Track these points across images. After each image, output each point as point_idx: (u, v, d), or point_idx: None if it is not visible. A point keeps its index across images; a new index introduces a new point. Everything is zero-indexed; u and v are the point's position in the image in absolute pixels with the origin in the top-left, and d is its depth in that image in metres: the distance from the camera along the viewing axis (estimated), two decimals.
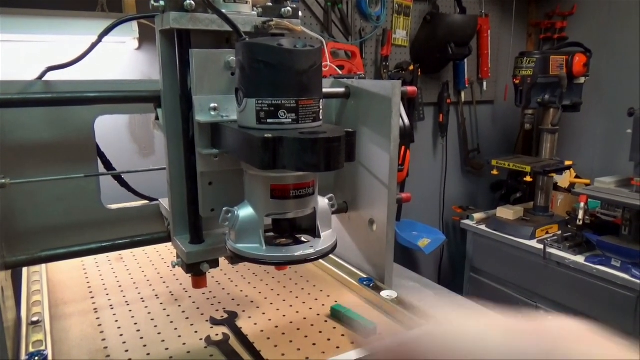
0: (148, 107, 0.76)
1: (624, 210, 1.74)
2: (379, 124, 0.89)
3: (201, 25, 0.65)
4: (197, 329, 0.78)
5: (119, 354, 0.71)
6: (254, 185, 0.61)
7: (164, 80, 0.71)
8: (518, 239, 2.03)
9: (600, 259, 1.78)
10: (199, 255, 0.73)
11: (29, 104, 0.69)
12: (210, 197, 0.71)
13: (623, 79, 2.29)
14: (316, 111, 0.58)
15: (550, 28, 2.57)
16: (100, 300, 0.88)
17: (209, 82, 0.67)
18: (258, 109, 0.56)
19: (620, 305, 1.72)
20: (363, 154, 0.94)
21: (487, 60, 2.47)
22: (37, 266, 0.95)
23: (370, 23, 2.06)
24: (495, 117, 2.67)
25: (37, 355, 0.66)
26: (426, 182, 2.47)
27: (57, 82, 0.73)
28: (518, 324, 0.18)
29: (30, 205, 0.75)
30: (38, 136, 0.74)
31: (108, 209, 0.82)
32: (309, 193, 0.61)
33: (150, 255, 1.09)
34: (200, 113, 0.66)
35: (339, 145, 0.53)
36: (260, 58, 0.54)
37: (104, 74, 1.45)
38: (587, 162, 2.44)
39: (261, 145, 0.52)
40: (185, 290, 0.92)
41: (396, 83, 0.85)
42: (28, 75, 0.73)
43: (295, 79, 0.55)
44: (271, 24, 0.69)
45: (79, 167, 0.78)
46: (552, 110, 2.09)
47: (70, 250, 0.75)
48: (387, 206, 0.90)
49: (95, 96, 0.71)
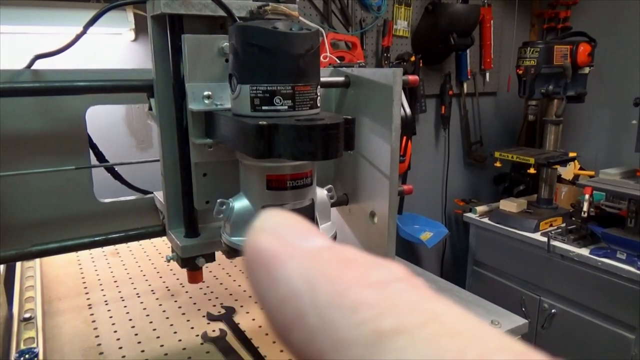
0: (141, 97, 0.74)
1: (629, 202, 1.71)
2: (380, 114, 0.86)
3: (194, 10, 0.62)
4: (193, 325, 0.76)
5: (112, 351, 0.69)
6: (249, 175, 0.59)
7: (156, 69, 0.68)
8: (521, 231, 2.00)
9: (605, 252, 1.76)
10: (194, 249, 0.70)
11: (16, 93, 0.66)
12: (205, 188, 0.69)
13: (628, 69, 2.25)
14: (313, 98, 0.55)
15: (554, 17, 2.53)
16: (95, 296, 0.86)
17: (202, 69, 0.64)
18: (252, 96, 0.53)
19: (626, 298, 1.69)
20: (363, 144, 0.92)
21: (490, 50, 2.44)
22: (31, 261, 0.93)
23: (370, 13, 2.03)
24: (498, 108, 2.64)
25: (28, 352, 0.64)
26: (428, 174, 2.45)
27: (46, 71, 0.71)
28: None
29: (19, 198, 0.73)
30: (27, 127, 0.72)
31: (101, 202, 0.80)
32: (306, 184, 0.59)
33: (146, 250, 1.07)
34: (194, 101, 0.64)
35: (337, 132, 0.50)
36: (254, 41, 0.52)
37: (99, 67, 1.43)
38: (592, 153, 2.41)
39: (255, 133, 0.50)
40: (182, 285, 0.89)
41: (397, 70, 0.82)
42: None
43: (291, 64, 0.52)
44: (267, 8, 0.66)
45: (70, 159, 0.75)
46: (556, 101, 2.06)
47: (62, 244, 0.73)
48: (388, 198, 0.87)
49: (85, 85, 0.69)
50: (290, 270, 0.13)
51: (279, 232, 0.14)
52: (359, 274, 0.13)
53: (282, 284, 0.13)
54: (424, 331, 0.11)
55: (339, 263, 0.13)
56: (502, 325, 0.85)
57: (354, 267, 0.13)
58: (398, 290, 0.12)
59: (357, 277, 0.12)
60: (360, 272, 0.13)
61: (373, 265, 0.13)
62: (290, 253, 0.13)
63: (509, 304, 1.69)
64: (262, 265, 0.14)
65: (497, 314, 0.90)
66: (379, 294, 0.12)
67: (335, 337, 0.12)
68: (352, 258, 0.13)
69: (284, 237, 0.14)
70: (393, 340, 0.11)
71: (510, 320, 0.88)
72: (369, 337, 0.11)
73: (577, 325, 1.86)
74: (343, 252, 0.13)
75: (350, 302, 0.12)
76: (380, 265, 0.13)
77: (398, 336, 0.11)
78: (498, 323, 0.85)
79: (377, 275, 0.12)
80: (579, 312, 1.86)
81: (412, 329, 0.11)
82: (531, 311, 2.01)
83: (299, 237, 0.14)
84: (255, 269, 0.14)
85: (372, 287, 0.12)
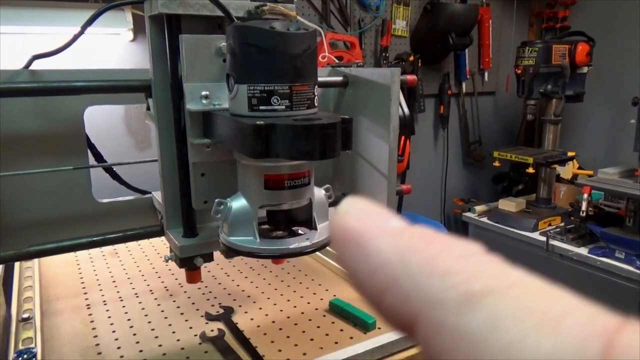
0: (139, 97, 0.73)
1: (628, 201, 1.71)
2: (378, 113, 0.86)
3: (191, 10, 0.62)
4: (191, 325, 0.76)
5: (110, 351, 0.69)
6: (247, 175, 0.59)
7: (154, 69, 0.68)
8: (520, 231, 2.01)
9: (603, 251, 1.76)
10: (193, 249, 0.70)
11: (14, 93, 0.66)
12: (203, 188, 0.69)
13: (626, 68, 2.25)
14: (311, 97, 0.55)
15: (553, 17, 2.53)
16: (94, 296, 0.86)
17: (200, 69, 0.64)
18: (250, 95, 0.53)
19: (624, 297, 1.70)
20: (362, 144, 0.92)
21: (489, 50, 2.44)
22: (29, 261, 0.93)
23: (369, 13, 2.03)
24: (496, 108, 2.64)
25: (26, 352, 0.64)
26: (427, 174, 2.45)
27: (43, 71, 0.71)
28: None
29: (17, 198, 0.73)
30: (25, 127, 0.72)
31: (99, 202, 0.80)
32: (304, 183, 0.59)
33: (145, 250, 1.07)
34: (191, 101, 0.64)
35: (334, 132, 0.51)
36: (252, 41, 0.52)
37: (98, 67, 1.42)
38: (590, 152, 2.42)
39: (253, 132, 0.50)
40: (180, 285, 0.89)
41: (395, 70, 0.82)
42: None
43: (289, 64, 0.52)
44: (264, 8, 0.66)
45: (68, 160, 0.75)
46: (554, 100, 2.06)
47: (60, 244, 0.73)
48: (386, 197, 0.87)
49: (83, 85, 0.69)
50: (381, 244, 0.15)
51: (363, 215, 0.16)
52: (443, 247, 0.14)
53: (373, 256, 0.14)
54: (511, 292, 0.12)
55: (423, 238, 0.14)
56: None
57: (438, 242, 0.14)
58: (481, 261, 0.14)
59: (442, 249, 0.14)
60: (444, 246, 0.14)
61: (454, 242, 0.14)
62: (377, 230, 0.15)
63: None
64: (352, 242, 0.15)
65: None
66: (464, 263, 0.13)
67: (429, 297, 0.13)
68: (433, 235, 0.15)
69: (368, 218, 0.16)
70: (484, 299, 0.12)
71: None
72: (461, 298, 0.12)
73: None
74: (424, 230, 0.15)
75: (440, 269, 0.13)
76: (460, 241, 0.14)
77: (488, 296, 0.12)
78: None
79: (459, 249, 0.14)
80: None
81: (500, 291, 0.12)
82: None
83: (381, 219, 0.16)
84: (345, 246, 0.15)
85: (458, 258, 0.14)
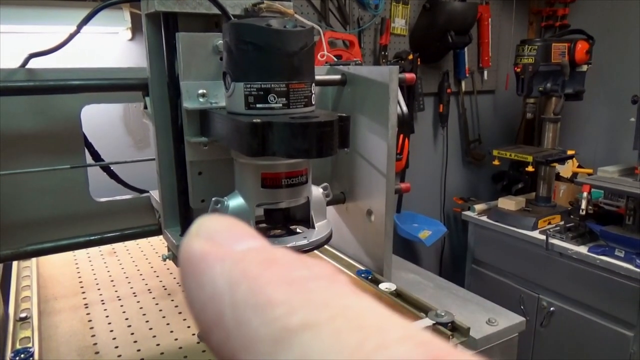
0: (136, 96, 0.73)
1: (628, 200, 1.71)
2: (376, 112, 0.86)
3: (188, 8, 0.62)
4: (189, 324, 0.76)
5: (108, 350, 0.69)
6: (244, 173, 0.59)
7: (151, 67, 0.68)
8: (520, 229, 2.00)
9: (603, 249, 1.76)
10: None
11: (11, 92, 0.66)
12: (200, 187, 0.68)
13: (626, 67, 2.25)
14: (308, 95, 0.55)
15: (552, 15, 2.53)
16: (91, 296, 0.85)
17: (196, 68, 0.64)
18: (246, 94, 0.53)
19: (624, 295, 1.70)
20: (360, 142, 0.92)
21: (488, 48, 2.43)
22: (27, 261, 0.93)
23: (368, 11, 2.03)
24: (496, 106, 2.64)
25: (23, 352, 0.64)
26: (426, 173, 2.44)
27: (40, 69, 0.71)
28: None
29: (15, 197, 0.73)
30: (22, 126, 0.72)
31: (97, 201, 0.80)
32: (301, 182, 0.59)
33: (143, 249, 1.06)
34: (188, 100, 0.64)
35: (331, 130, 0.50)
36: (248, 39, 0.51)
37: (96, 66, 1.42)
38: (590, 151, 2.41)
39: (249, 130, 0.50)
40: (178, 284, 0.89)
41: (393, 68, 0.82)
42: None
43: (285, 61, 0.52)
44: (262, 6, 0.66)
45: (66, 159, 0.75)
46: (554, 98, 2.06)
47: (57, 244, 0.73)
48: (385, 196, 0.87)
49: (79, 84, 0.69)
50: (215, 272, 0.13)
51: (212, 236, 0.14)
52: (279, 272, 0.12)
53: (207, 286, 0.13)
54: (329, 326, 0.11)
55: (262, 263, 0.13)
56: (498, 323, 0.84)
57: (276, 267, 0.13)
58: (315, 288, 0.12)
59: (276, 275, 0.12)
60: (280, 271, 0.13)
61: (296, 264, 0.13)
62: (219, 256, 0.13)
63: (508, 302, 1.69)
64: (191, 269, 0.14)
65: (496, 312, 0.90)
66: (294, 291, 0.12)
67: (247, 336, 0.12)
68: (276, 258, 0.13)
69: (217, 240, 0.14)
70: (299, 336, 0.11)
71: (508, 318, 0.88)
72: (277, 334, 0.11)
73: (576, 323, 1.86)
74: (270, 252, 0.13)
75: (263, 300, 0.12)
76: (303, 263, 0.13)
77: (304, 331, 0.11)
78: (495, 321, 0.85)
79: (297, 274, 0.12)
80: (577, 310, 1.86)
81: (319, 324, 0.11)
82: (530, 309, 2.01)
83: (231, 240, 0.14)
84: (185, 273, 0.14)
85: (289, 285, 0.12)
